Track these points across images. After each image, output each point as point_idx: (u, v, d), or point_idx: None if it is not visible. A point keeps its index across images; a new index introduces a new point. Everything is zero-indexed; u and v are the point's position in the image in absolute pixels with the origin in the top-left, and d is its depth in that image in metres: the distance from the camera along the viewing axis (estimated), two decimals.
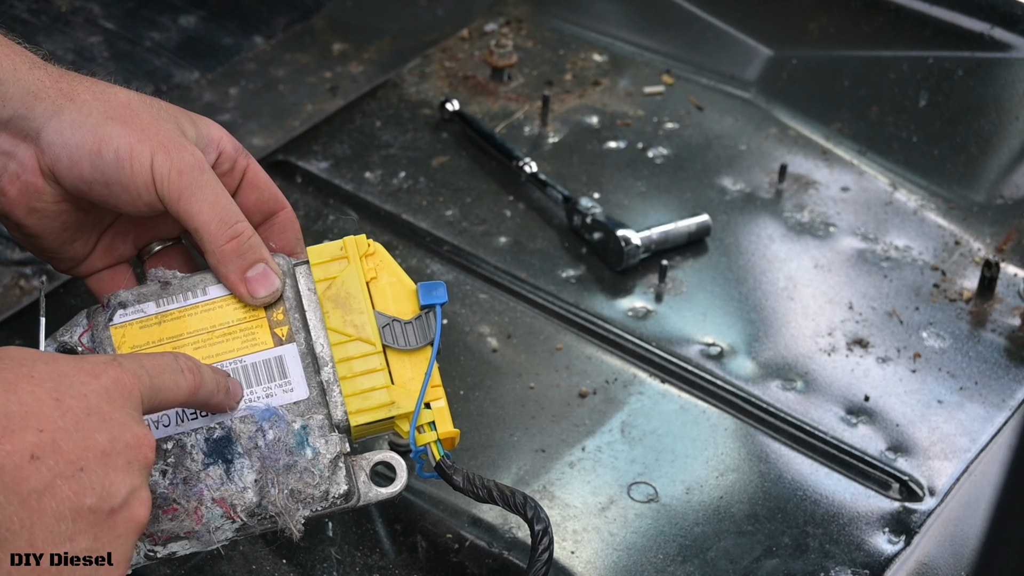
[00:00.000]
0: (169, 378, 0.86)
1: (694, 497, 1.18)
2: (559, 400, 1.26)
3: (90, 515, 0.78)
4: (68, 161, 0.95)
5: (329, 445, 0.94)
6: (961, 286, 1.38)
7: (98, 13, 1.72)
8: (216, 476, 0.92)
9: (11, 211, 0.98)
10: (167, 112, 0.98)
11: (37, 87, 0.96)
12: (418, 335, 0.98)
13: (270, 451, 0.93)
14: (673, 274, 1.39)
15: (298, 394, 0.96)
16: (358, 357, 0.97)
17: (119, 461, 0.79)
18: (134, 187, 0.95)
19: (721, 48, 1.67)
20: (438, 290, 0.99)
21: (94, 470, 0.78)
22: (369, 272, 0.99)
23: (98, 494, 0.78)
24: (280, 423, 0.94)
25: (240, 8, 1.75)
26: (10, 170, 0.96)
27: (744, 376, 1.29)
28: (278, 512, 0.92)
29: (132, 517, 0.80)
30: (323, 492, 0.94)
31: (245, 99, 1.62)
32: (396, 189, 1.48)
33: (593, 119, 1.58)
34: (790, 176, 1.50)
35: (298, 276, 0.98)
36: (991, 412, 1.26)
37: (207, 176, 0.95)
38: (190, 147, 0.96)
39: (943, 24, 1.60)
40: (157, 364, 0.86)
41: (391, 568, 1.12)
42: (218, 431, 0.93)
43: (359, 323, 0.97)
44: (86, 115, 0.95)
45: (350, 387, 0.96)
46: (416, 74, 1.63)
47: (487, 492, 0.98)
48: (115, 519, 0.79)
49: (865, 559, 1.14)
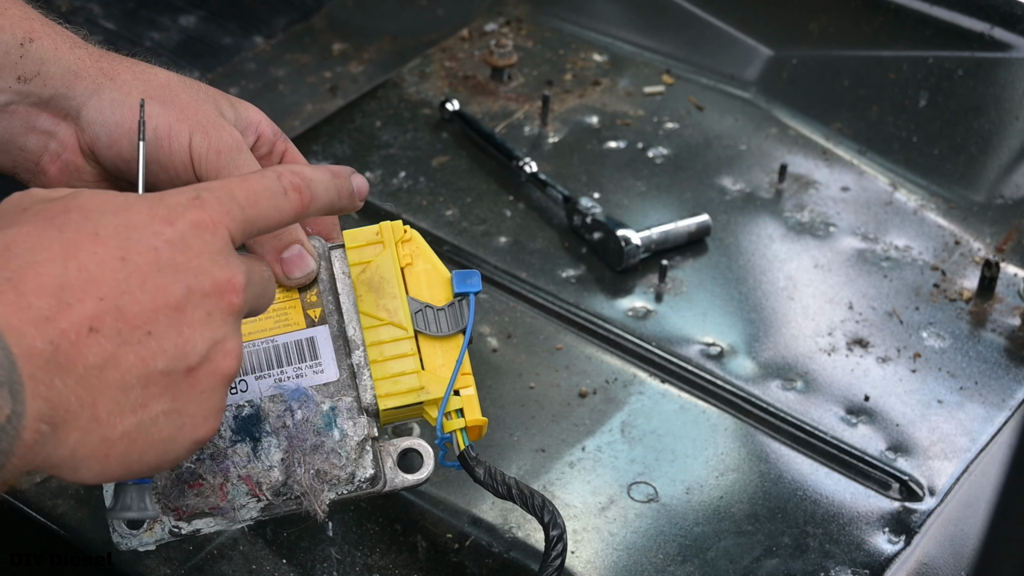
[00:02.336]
0: (268, 204, 0.81)
1: (694, 497, 1.18)
2: (559, 400, 1.26)
3: (162, 378, 0.74)
4: (107, 140, 0.95)
5: (357, 428, 0.94)
6: (961, 286, 1.38)
7: (98, 13, 1.72)
8: (243, 454, 0.92)
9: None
10: (206, 93, 0.98)
11: (78, 66, 0.96)
12: (450, 322, 0.98)
13: (298, 431, 0.93)
14: (673, 274, 1.39)
15: (328, 376, 0.96)
16: (389, 341, 0.96)
17: (196, 314, 0.75)
18: (172, 166, 0.94)
19: (721, 48, 1.67)
20: (472, 278, 0.98)
21: (164, 331, 0.74)
22: (404, 258, 0.98)
23: (171, 355, 0.74)
24: (309, 403, 0.94)
25: (240, 8, 1.75)
26: (51, 149, 0.97)
27: (744, 376, 1.29)
28: (303, 492, 0.92)
29: (216, 370, 0.77)
30: (349, 474, 0.94)
31: (245, 99, 1.61)
32: (396, 189, 1.48)
33: (593, 119, 1.58)
34: (790, 176, 1.50)
35: (333, 259, 0.98)
36: (991, 412, 1.26)
37: (245, 156, 0.95)
38: (228, 127, 0.96)
39: (943, 24, 1.60)
40: (252, 192, 0.80)
41: (391, 568, 1.12)
42: (247, 409, 0.93)
43: (392, 308, 0.97)
44: (126, 94, 0.95)
45: (380, 371, 0.96)
46: (416, 74, 1.63)
47: (507, 489, 0.98)
48: (196, 376, 0.76)
49: (865, 559, 1.14)
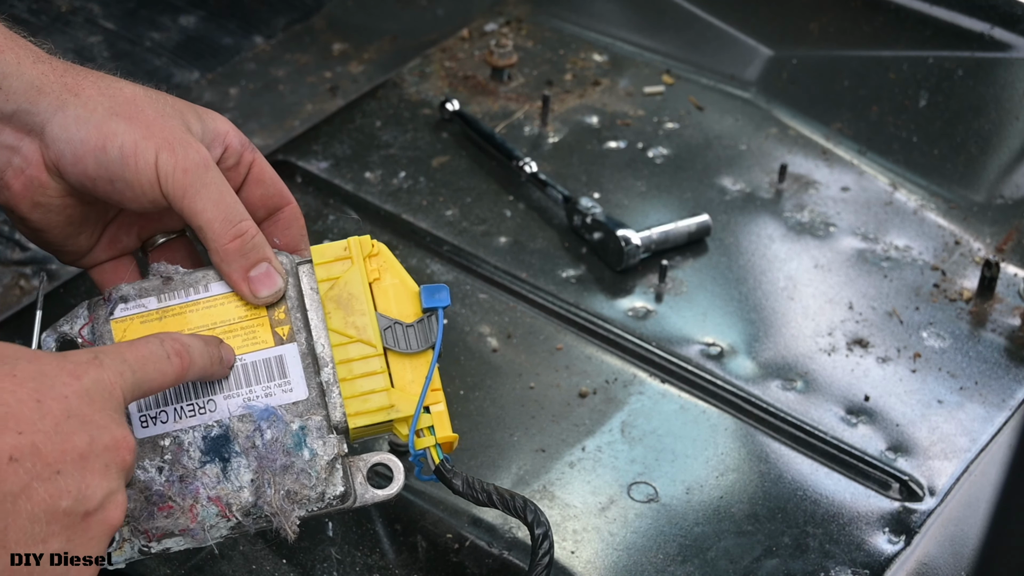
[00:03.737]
0: (153, 368, 0.86)
1: (694, 497, 1.18)
2: (559, 400, 1.26)
3: (64, 518, 0.78)
4: (72, 157, 0.94)
5: (327, 447, 0.94)
6: (961, 286, 1.38)
7: (98, 13, 1.72)
8: (212, 475, 0.92)
9: (16, 205, 0.97)
10: (172, 107, 0.98)
11: (41, 81, 0.95)
12: (420, 339, 0.98)
13: (267, 451, 0.93)
14: (673, 274, 1.39)
15: (297, 394, 0.96)
16: (359, 359, 0.96)
17: (97, 464, 0.79)
18: (138, 184, 0.94)
19: (721, 48, 1.67)
20: (441, 293, 0.98)
21: (71, 473, 0.78)
22: (372, 273, 0.98)
23: (74, 497, 0.78)
24: (278, 423, 0.93)
25: (240, 8, 1.75)
26: (14, 164, 0.96)
27: (744, 376, 1.29)
28: (273, 512, 0.92)
29: (106, 520, 0.80)
30: (319, 493, 0.93)
31: (245, 99, 1.62)
32: (396, 189, 1.48)
33: (593, 119, 1.58)
34: (790, 176, 1.50)
35: (301, 275, 0.98)
36: (991, 412, 1.26)
37: (212, 174, 0.95)
38: (195, 144, 0.95)
39: (943, 24, 1.60)
40: (140, 356, 0.85)
41: (391, 568, 1.12)
42: (216, 429, 0.93)
43: (361, 325, 0.97)
44: (90, 111, 0.95)
45: (350, 389, 0.96)
46: (416, 74, 1.63)
47: (487, 496, 0.98)
48: (89, 522, 0.79)
49: (865, 559, 1.14)
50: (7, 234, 1.42)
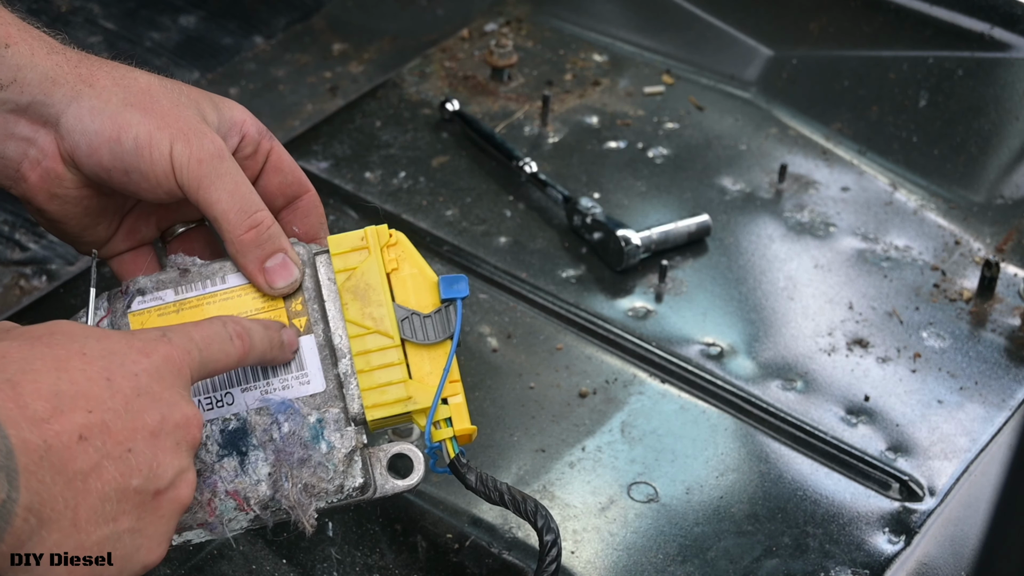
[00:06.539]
0: (218, 348, 0.87)
1: (694, 497, 1.18)
2: (559, 400, 1.26)
3: (135, 496, 0.78)
4: (87, 148, 0.94)
5: (344, 439, 0.94)
6: (961, 286, 1.38)
7: (98, 13, 1.72)
8: (230, 468, 0.92)
9: (33, 196, 0.97)
10: (188, 97, 0.97)
11: (55, 72, 0.95)
12: (438, 329, 0.97)
13: (285, 444, 0.92)
14: (673, 274, 1.39)
15: (315, 386, 0.95)
16: (376, 350, 0.96)
17: (167, 442, 0.80)
18: (153, 175, 0.94)
19: (721, 48, 1.67)
20: (459, 284, 0.97)
21: (142, 451, 0.79)
22: (390, 263, 0.97)
23: (145, 475, 0.79)
24: (295, 416, 0.93)
25: (240, 8, 1.75)
26: (31, 156, 0.96)
27: (744, 376, 1.29)
28: (291, 506, 0.92)
29: (177, 497, 0.81)
30: (337, 486, 0.93)
31: (245, 99, 1.62)
32: (396, 189, 1.48)
33: (593, 119, 1.58)
34: (790, 176, 1.50)
35: (318, 266, 0.97)
36: (991, 412, 1.26)
37: (227, 164, 0.95)
38: (210, 134, 0.95)
39: (943, 24, 1.60)
40: (207, 336, 0.86)
41: (391, 568, 1.12)
42: (233, 423, 0.93)
43: (378, 316, 0.96)
44: (105, 101, 0.94)
45: (367, 381, 0.95)
46: (416, 74, 1.63)
47: (499, 495, 0.97)
48: (160, 500, 0.80)
49: (865, 559, 1.14)
50: (7, 234, 1.42)
